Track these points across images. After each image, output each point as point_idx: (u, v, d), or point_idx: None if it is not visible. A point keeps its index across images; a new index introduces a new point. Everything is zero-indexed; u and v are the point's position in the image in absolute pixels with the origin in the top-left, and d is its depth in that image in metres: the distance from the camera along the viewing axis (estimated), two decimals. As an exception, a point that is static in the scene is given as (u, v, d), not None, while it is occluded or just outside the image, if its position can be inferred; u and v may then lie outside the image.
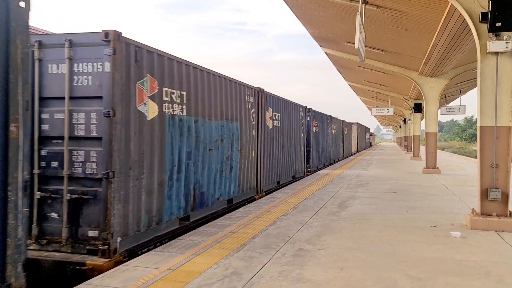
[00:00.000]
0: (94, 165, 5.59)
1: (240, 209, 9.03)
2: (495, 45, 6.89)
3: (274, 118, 12.86)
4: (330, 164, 24.45)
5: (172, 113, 6.96)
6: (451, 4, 8.85)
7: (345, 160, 27.89)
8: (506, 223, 6.91)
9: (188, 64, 7.49)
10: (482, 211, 7.15)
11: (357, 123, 44.12)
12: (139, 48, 6.07)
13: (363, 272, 4.82)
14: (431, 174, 17.13)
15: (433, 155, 18.10)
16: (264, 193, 11.88)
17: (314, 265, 5.06)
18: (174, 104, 7.02)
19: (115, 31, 5.49)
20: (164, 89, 6.72)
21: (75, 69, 5.67)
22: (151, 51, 6.37)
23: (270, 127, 12.51)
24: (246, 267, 4.96)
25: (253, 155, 11.05)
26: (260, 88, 11.46)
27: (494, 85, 7.04)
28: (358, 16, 8.82)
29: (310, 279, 4.55)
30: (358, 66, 20.81)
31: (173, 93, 7.00)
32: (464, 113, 27.71)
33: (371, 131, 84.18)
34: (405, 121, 45.65)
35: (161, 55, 6.63)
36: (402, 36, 13.78)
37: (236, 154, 9.85)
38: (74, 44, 5.66)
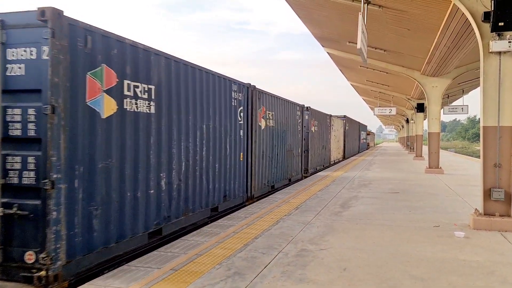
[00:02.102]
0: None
1: (243, 209, 9.02)
2: (497, 45, 6.87)
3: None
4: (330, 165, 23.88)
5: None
6: (454, 3, 8.84)
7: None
8: (509, 223, 6.89)
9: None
10: (485, 211, 7.13)
11: (344, 116, 31.57)
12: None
13: (366, 272, 4.82)
14: (434, 174, 17.09)
15: (436, 155, 18.05)
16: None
17: (317, 265, 5.06)
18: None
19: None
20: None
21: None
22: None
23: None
24: (249, 267, 4.97)
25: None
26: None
27: (497, 84, 7.03)
28: (360, 16, 8.82)
29: (313, 279, 4.56)
30: (361, 66, 20.77)
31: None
32: (467, 113, 27.65)
33: (372, 130, 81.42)
34: (407, 121, 45.53)
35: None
36: (404, 36, 13.76)
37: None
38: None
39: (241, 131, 10.12)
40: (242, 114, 10.16)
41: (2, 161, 4.71)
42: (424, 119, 32.29)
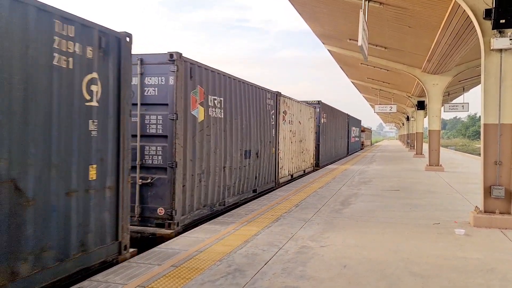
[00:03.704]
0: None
1: (243, 206, 9.04)
2: (499, 42, 6.86)
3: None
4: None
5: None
6: (455, 1, 8.82)
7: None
8: (510, 220, 6.89)
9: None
10: (485, 208, 7.14)
11: (319, 102, 20.57)
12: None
13: (366, 269, 4.82)
14: (434, 172, 17.10)
15: (436, 152, 18.05)
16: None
17: (317, 262, 5.07)
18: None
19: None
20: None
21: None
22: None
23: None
24: (249, 264, 4.98)
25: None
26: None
27: (498, 82, 7.02)
28: (361, 13, 8.81)
29: (313, 276, 4.56)
30: (361, 64, 20.76)
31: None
32: (468, 111, 27.63)
33: (372, 127, 77.76)
34: (408, 118, 45.53)
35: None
36: (405, 33, 13.73)
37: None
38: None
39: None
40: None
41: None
42: (425, 117, 32.30)
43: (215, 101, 8.59)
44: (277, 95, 13.09)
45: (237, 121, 9.74)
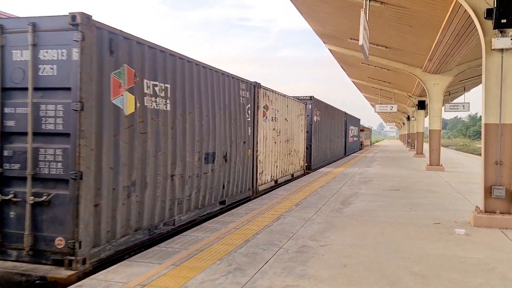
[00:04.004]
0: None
1: (243, 205, 9.03)
2: (500, 42, 6.85)
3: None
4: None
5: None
6: (456, 0, 8.81)
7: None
8: (510, 220, 6.89)
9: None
10: (486, 208, 7.13)
11: (311, 98, 18.77)
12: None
13: (366, 268, 4.82)
14: (435, 171, 17.09)
15: (437, 152, 18.05)
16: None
17: (317, 261, 5.07)
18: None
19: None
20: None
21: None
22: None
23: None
24: (250, 263, 4.98)
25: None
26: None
27: (499, 82, 7.01)
28: (362, 13, 8.80)
29: (314, 275, 4.56)
30: (362, 63, 20.75)
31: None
32: (468, 110, 27.61)
33: (373, 127, 77.39)
34: (408, 118, 45.51)
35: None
36: (406, 32, 13.72)
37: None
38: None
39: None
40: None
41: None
42: (425, 117, 32.28)
43: (156, 89, 6.40)
44: (255, 86, 10.85)
45: (193, 116, 7.54)
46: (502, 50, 6.94)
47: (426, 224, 7.17)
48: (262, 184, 11.74)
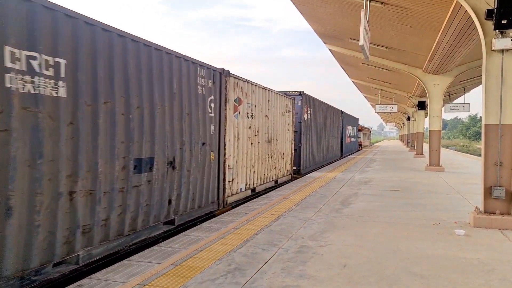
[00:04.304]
0: None
1: (243, 205, 9.03)
2: (500, 43, 6.85)
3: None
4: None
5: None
6: (457, 1, 8.81)
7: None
8: (510, 221, 6.88)
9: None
10: (486, 209, 7.13)
11: (301, 93, 16.24)
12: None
13: (366, 269, 4.82)
14: (434, 172, 17.09)
15: (437, 152, 18.04)
16: None
17: (317, 261, 5.06)
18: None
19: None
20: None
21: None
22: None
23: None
24: (249, 263, 4.98)
25: None
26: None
27: (499, 82, 7.01)
28: (362, 13, 8.79)
29: (313, 276, 4.56)
30: (362, 63, 20.75)
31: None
32: (468, 111, 27.62)
33: (373, 127, 77.27)
34: (408, 118, 45.50)
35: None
36: (406, 33, 13.72)
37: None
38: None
39: None
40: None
41: None
42: (425, 117, 32.28)
43: (35, 63, 4.39)
44: (222, 73, 8.79)
45: (112, 108, 5.55)
46: (502, 51, 6.94)
47: (426, 225, 7.17)
48: (232, 195, 9.70)
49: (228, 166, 9.41)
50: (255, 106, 11.22)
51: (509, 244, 5.99)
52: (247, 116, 10.64)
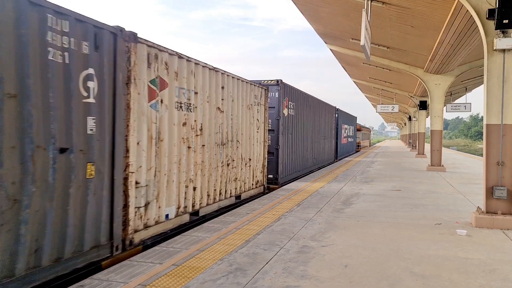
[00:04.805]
0: None
1: (245, 204, 9.02)
2: (502, 42, 6.84)
3: None
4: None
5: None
6: (458, 0, 8.80)
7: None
8: (512, 221, 6.87)
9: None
10: (488, 209, 7.12)
11: (279, 82, 12.71)
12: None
13: (367, 269, 4.82)
14: (436, 172, 17.07)
15: (438, 152, 18.03)
16: None
17: (318, 262, 5.06)
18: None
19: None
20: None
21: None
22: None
23: None
24: (250, 263, 4.98)
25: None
26: None
27: (500, 82, 6.99)
28: (364, 13, 8.79)
29: (314, 276, 4.56)
30: (363, 63, 20.74)
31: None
32: (470, 111, 27.56)
33: (374, 127, 76.05)
34: (410, 118, 45.47)
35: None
36: (408, 33, 13.71)
37: None
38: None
39: None
40: None
41: None
42: (427, 117, 32.25)
43: None
44: (117, 35, 5.63)
45: None
46: (504, 50, 6.93)
47: (427, 225, 7.16)
48: (148, 227, 6.38)
49: (137, 183, 6.09)
50: (196, 93, 7.89)
51: (511, 244, 5.98)
52: (180, 107, 7.35)
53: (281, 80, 12.69)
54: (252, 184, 11.03)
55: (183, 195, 7.45)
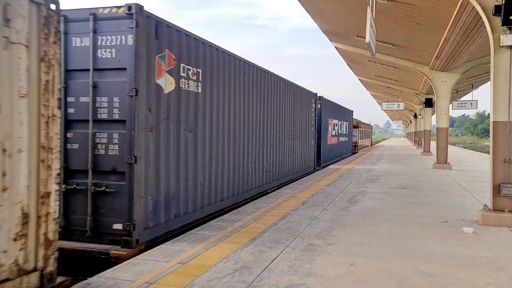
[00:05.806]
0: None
1: (250, 203, 9.04)
2: (508, 39, 6.77)
3: None
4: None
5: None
6: (464, -3, 8.73)
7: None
8: (519, 219, 6.82)
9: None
10: (494, 206, 7.07)
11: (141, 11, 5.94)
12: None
13: (373, 267, 4.81)
14: (442, 170, 16.98)
15: (444, 150, 17.93)
16: None
17: (324, 260, 5.06)
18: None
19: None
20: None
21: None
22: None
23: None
24: (256, 261, 4.99)
25: None
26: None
27: (507, 79, 6.94)
28: (368, 10, 8.74)
29: (320, 274, 4.56)
30: (368, 61, 20.64)
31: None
32: (476, 108, 27.33)
33: (379, 125, 71.43)
34: (415, 116, 45.23)
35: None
36: (413, 30, 13.63)
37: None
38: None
39: None
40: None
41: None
42: (433, 114, 32.06)
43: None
44: None
45: None
46: (510, 47, 6.87)
47: (434, 223, 7.13)
48: None
49: None
50: None
51: (518, 242, 5.94)
52: None
53: (140, 7, 5.81)
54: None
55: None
